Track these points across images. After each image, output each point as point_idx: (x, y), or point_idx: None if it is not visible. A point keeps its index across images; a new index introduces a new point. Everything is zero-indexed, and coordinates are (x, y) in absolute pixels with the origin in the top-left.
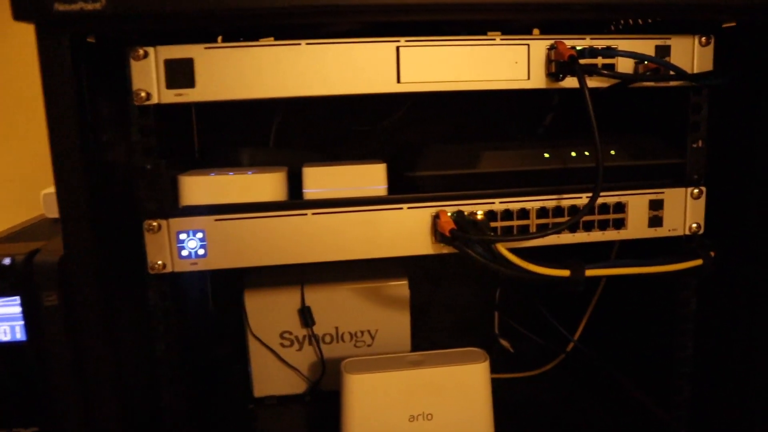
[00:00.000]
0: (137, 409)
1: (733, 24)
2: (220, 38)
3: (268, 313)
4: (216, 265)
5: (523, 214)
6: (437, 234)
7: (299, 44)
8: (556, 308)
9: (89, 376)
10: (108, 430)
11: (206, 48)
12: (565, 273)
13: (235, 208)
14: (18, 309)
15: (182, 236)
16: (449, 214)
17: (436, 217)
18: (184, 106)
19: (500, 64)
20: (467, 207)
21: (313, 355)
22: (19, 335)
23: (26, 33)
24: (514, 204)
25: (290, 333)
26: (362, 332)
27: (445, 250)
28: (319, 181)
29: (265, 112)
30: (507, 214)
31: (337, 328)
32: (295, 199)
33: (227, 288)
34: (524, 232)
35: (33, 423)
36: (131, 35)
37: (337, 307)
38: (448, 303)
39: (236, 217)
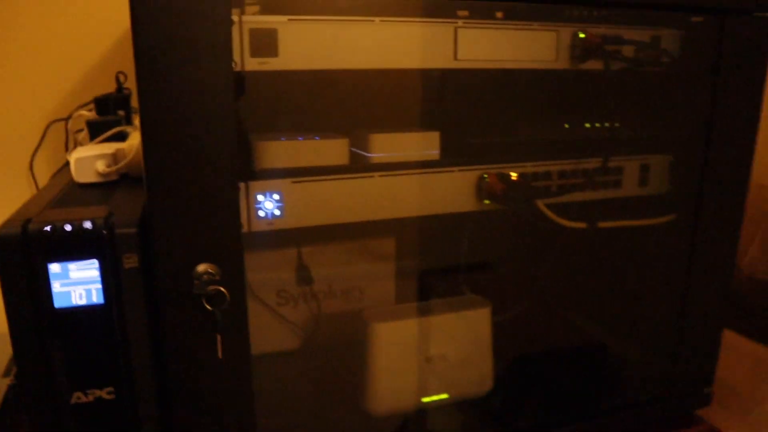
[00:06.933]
0: None
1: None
2: None
3: (267, 273)
4: (290, 224)
5: (547, 175)
6: (483, 193)
7: (373, 20)
8: None
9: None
10: None
11: (290, 20)
12: (582, 225)
13: (311, 171)
14: (96, 272)
15: (260, 197)
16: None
17: (481, 179)
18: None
19: (536, 47)
20: (506, 170)
21: (306, 312)
22: (95, 299)
23: None
24: (541, 167)
25: (286, 291)
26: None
27: (487, 207)
28: (382, 146)
29: None
30: (535, 176)
31: (330, 286)
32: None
33: None
34: (546, 191)
35: (108, 384)
36: None
37: (329, 266)
38: None
39: (311, 179)
